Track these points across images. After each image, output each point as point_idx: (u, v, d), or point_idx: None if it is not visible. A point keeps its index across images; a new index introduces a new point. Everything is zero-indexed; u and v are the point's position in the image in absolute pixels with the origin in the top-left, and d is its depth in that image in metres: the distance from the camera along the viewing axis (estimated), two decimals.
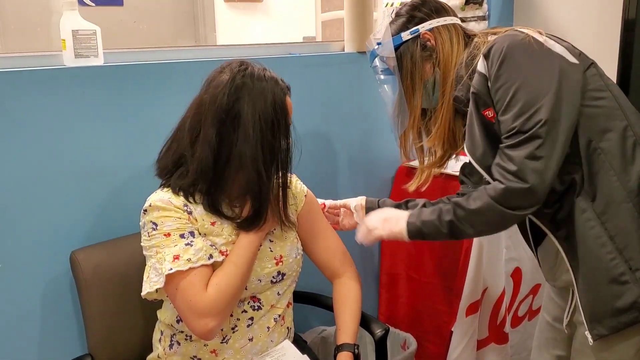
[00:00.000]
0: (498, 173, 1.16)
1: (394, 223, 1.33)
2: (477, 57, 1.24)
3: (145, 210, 1.25)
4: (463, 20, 1.49)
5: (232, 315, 1.31)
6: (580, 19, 2.30)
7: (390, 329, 1.72)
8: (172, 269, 1.19)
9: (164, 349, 1.36)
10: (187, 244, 1.22)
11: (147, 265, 1.26)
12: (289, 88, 1.31)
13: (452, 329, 1.92)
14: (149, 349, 1.42)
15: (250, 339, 1.33)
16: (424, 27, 1.34)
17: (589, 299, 1.20)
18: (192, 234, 1.24)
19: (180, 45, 3.41)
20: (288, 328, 1.43)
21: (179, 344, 1.33)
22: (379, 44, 1.39)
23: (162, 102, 1.57)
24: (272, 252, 1.35)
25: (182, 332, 1.33)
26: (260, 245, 1.33)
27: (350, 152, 2.08)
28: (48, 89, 1.40)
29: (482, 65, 1.20)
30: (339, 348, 1.37)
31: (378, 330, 1.48)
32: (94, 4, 1.96)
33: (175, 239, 1.22)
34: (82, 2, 1.72)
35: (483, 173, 1.23)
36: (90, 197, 1.50)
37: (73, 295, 1.49)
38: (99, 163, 1.50)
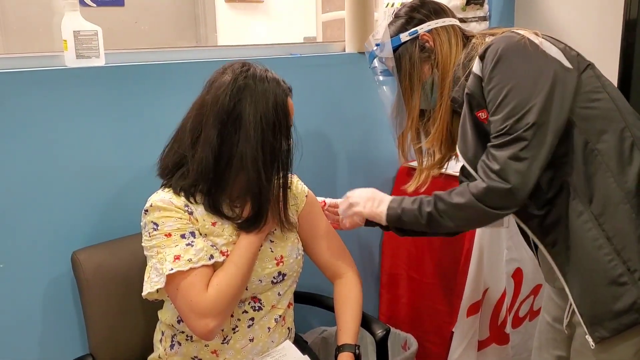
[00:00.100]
0: (482, 171, 1.18)
1: (377, 204, 1.35)
2: (474, 58, 1.24)
3: (146, 211, 1.25)
4: (464, 21, 1.49)
5: (232, 316, 1.31)
6: (581, 20, 2.30)
7: (391, 330, 1.72)
8: (172, 269, 1.20)
9: (165, 349, 1.36)
10: (188, 244, 1.22)
11: (147, 266, 1.26)
12: (291, 89, 1.31)
13: (453, 330, 1.92)
14: (150, 349, 1.42)
15: (251, 340, 1.34)
16: (423, 28, 1.34)
17: (587, 302, 1.19)
18: (193, 234, 1.24)
19: (181, 46, 3.42)
20: (289, 328, 1.43)
21: (180, 345, 1.34)
22: (378, 45, 1.40)
23: (163, 102, 1.57)
24: (272, 252, 1.36)
25: (182, 332, 1.33)
26: (261, 246, 1.33)
27: (351, 152, 2.08)
28: (49, 90, 1.41)
29: (477, 67, 1.21)
30: (340, 348, 1.37)
31: (379, 331, 1.48)
32: (95, 5, 1.97)
33: (176, 239, 1.22)
34: (83, 2, 1.72)
35: (474, 174, 1.24)
36: (92, 197, 1.50)
37: (74, 296, 1.49)
38: (100, 163, 1.50)
